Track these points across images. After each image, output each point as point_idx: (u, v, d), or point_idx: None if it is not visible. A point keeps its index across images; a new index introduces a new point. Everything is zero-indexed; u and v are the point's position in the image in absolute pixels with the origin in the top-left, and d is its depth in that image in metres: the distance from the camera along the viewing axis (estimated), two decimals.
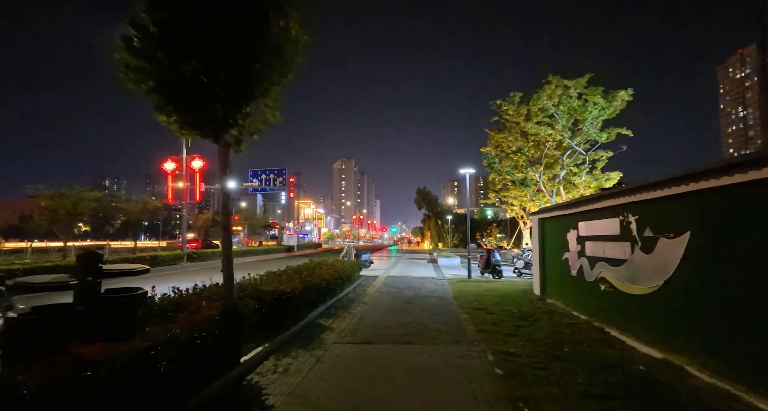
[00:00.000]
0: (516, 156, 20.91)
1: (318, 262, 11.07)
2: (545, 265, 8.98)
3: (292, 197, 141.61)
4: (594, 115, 17.21)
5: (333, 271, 9.44)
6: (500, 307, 7.73)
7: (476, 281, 12.55)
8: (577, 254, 7.08)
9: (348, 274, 10.96)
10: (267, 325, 5.52)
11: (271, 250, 29.38)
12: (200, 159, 18.65)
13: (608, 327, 5.74)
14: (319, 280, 8.04)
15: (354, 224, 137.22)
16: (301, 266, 9.74)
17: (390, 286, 11.31)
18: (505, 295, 9.30)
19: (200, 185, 18.87)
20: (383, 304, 8.37)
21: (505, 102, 19.62)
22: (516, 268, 14.44)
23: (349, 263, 11.82)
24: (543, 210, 8.99)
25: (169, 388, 3.03)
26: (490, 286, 11.29)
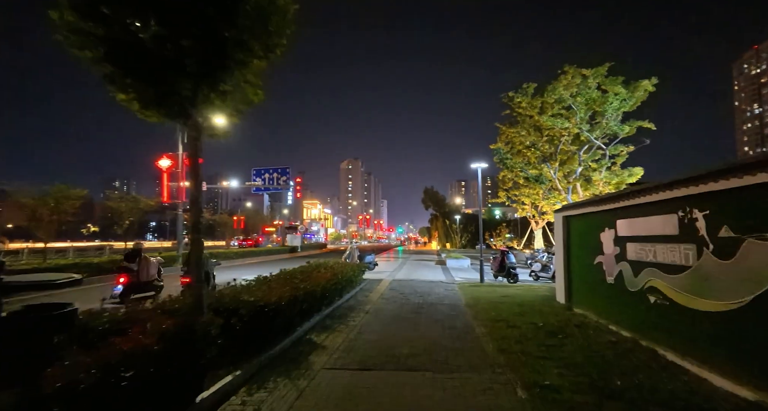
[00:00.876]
0: (529, 151, 19.74)
1: (316, 265, 10.12)
2: (571, 270, 7.89)
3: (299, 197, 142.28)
4: (615, 107, 16.01)
5: (331, 276, 8.46)
6: (522, 319, 6.67)
7: (490, 286, 11.48)
8: (614, 258, 5.99)
9: (349, 278, 9.98)
10: (243, 345, 4.55)
11: (273, 250, 28.53)
12: None
13: (662, 349, 4.65)
14: (313, 286, 7.07)
15: (360, 224, 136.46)
16: (296, 270, 8.79)
17: (395, 292, 10.30)
18: (525, 303, 8.22)
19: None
20: (387, 314, 7.35)
21: (518, 94, 18.48)
22: (532, 271, 13.32)
23: (350, 266, 10.84)
24: (569, 206, 7.90)
25: None
26: (506, 291, 10.20)
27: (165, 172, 17.95)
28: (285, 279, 7.61)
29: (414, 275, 14.91)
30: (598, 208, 6.57)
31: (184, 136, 17.80)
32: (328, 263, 10.92)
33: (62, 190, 13.36)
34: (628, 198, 5.51)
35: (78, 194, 14.00)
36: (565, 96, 16.49)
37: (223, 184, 32.85)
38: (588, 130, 16.93)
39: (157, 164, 17.93)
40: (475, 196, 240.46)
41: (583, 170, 18.70)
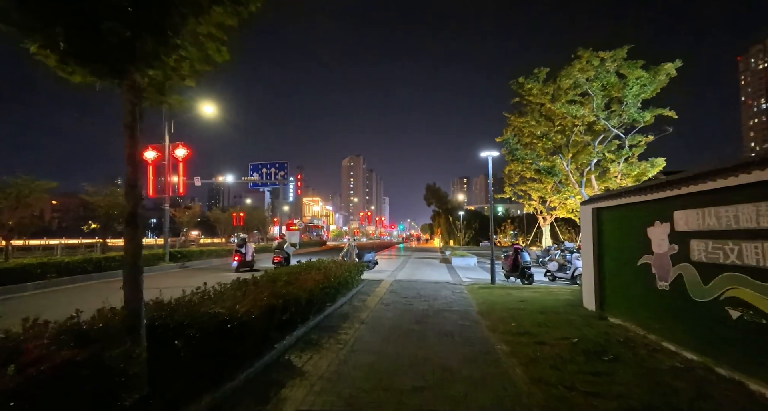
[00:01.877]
0: (540, 142, 18.51)
1: (308, 265, 8.99)
2: (604, 272, 6.69)
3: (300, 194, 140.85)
4: (635, 92, 14.73)
5: (322, 278, 7.31)
6: (550, 332, 5.49)
7: (502, 288, 10.30)
8: (670, 258, 4.79)
9: (344, 280, 8.82)
10: (191, 376, 3.40)
11: (269, 248, 27.38)
12: (184, 147, 16.65)
13: (754, 382, 3.47)
14: (299, 291, 5.92)
15: (361, 221, 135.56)
16: (283, 271, 7.66)
17: (396, 295, 9.13)
18: (548, 310, 7.04)
19: (184, 176, 16.89)
20: (386, 325, 6.19)
21: (529, 80, 17.21)
22: (548, 271, 12.12)
23: (347, 266, 9.69)
24: (601, 196, 6.69)
25: None
26: (522, 295, 9.02)
27: (150, 164, 16.80)
28: (267, 282, 6.49)
29: (417, 275, 13.75)
30: (643, 197, 5.35)
31: (170, 125, 16.65)
32: (323, 263, 9.79)
33: (26, 182, 12.20)
34: (693, 182, 4.30)
35: (43, 187, 12.84)
36: (581, 80, 15.19)
37: (218, 179, 31.72)
38: (605, 117, 15.65)
39: (142, 156, 16.77)
40: (478, 193, 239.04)
41: (598, 162, 17.49)
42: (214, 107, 16.96)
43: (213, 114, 17.20)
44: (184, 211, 32.15)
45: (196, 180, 31.45)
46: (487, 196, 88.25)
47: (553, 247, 17.53)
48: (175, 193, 16.87)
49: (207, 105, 16.82)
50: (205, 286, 5.22)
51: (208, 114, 17.75)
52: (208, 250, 19.45)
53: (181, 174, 16.75)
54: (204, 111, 16.99)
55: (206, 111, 16.87)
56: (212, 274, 14.30)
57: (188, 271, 15.01)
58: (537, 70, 17.22)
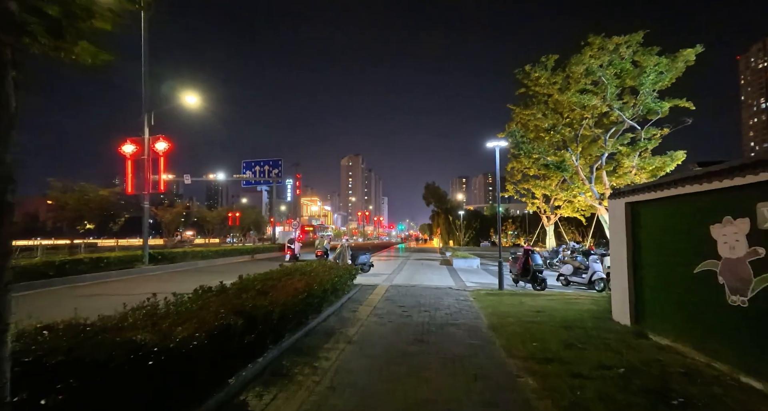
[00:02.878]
0: (548, 135, 17.38)
1: (291, 269, 7.85)
2: (642, 279, 5.54)
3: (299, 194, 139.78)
4: (652, 80, 13.62)
5: (304, 286, 6.16)
6: (584, 357, 4.34)
7: (512, 294, 9.14)
8: (749, 265, 3.64)
9: (332, 287, 7.67)
10: None
11: (261, 249, 26.17)
12: (165, 140, 15.44)
13: None
14: (270, 305, 4.79)
15: (360, 221, 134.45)
16: (258, 277, 6.52)
17: (393, 304, 7.97)
18: (572, 324, 5.89)
19: (165, 172, 15.69)
20: (377, 345, 5.03)
21: (536, 68, 16.07)
22: (561, 274, 10.96)
23: (336, 271, 8.52)
24: (637, 188, 5.52)
25: None
26: (536, 303, 7.87)
27: (129, 159, 15.59)
28: (236, 291, 5.36)
29: (416, 279, 12.58)
30: (705, 186, 4.20)
31: (150, 117, 15.48)
32: (311, 266, 8.66)
33: None
34: None
35: None
36: (594, 66, 14.03)
37: (209, 177, 30.48)
38: (619, 108, 14.51)
39: (120, 150, 15.58)
40: (477, 193, 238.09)
41: (610, 156, 16.40)
42: (197, 97, 15.80)
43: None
44: (168, 210, 30.82)
45: (186, 178, 30.24)
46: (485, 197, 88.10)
47: (562, 248, 16.39)
48: (155, 190, 15.65)
49: (190, 95, 15.65)
50: (154, 296, 4.09)
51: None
52: (193, 251, 18.27)
53: (162, 169, 15.54)
54: (188, 102, 15.82)
55: (189, 101, 15.70)
56: (193, 277, 13.12)
57: (167, 275, 13.82)
58: (544, 58, 16.06)
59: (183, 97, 15.86)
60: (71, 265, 11.00)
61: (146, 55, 15.09)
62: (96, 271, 11.93)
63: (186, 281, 11.99)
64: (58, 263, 10.65)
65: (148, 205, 15.38)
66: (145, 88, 15.15)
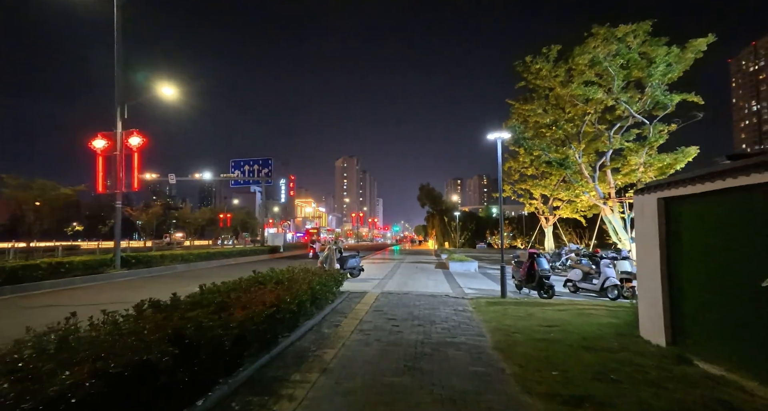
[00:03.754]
0: (549, 131, 16.51)
1: (267, 277, 6.88)
2: (681, 290, 4.58)
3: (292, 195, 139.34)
4: (662, 71, 12.80)
5: (275, 298, 5.18)
6: (622, 394, 3.36)
7: (516, 302, 8.16)
8: None
9: (312, 297, 6.65)
10: None
11: (247, 251, 24.98)
12: (139, 135, 14.30)
13: None
14: (220, 327, 3.77)
15: (353, 222, 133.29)
16: (222, 288, 5.52)
17: (382, 316, 6.95)
18: (594, 343, 4.92)
19: (140, 169, 14.54)
20: (359, 375, 4.01)
21: (537, 59, 15.17)
22: (569, 280, 10.00)
23: (319, 279, 7.49)
24: (678, 181, 4.56)
25: None
26: (546, 314, 6.89)
27: (100, 154, 14.41)
28: (189, 307, 4.37)
29: (410, 285, 11.57)
30: None
31: (124, 109, 14.35)
32: (290, 272, 7.67)
33: None
34: None
35: None
36: (600, 56, 13.13)
37: (195, 176, 29.26)
38: (626, 100, 13.64)
39: (90, 145, 14.41)
40: (472, 195, 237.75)
41: (614, 153, 15.58)
42: (174, 90, 14.69)
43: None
44: (144, 211, 29.46)
45: (171, 177, 29.05)
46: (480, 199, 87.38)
47: (565, 250, 15.48)
48: (129, 189, 14.50)
49: (166, 86, 14.55)
50: (73, 319, 3.09)
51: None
52: (172, 254, 17.09)
53: (136, 167, 14.39)
54: (166, 94, 14.72)
55: (166, 93, 14.59)
56: (167, 283, 12.01)
57: (140, 281, 12.68)
58: (546, 49, 15.17)
59: (162, 89, 14.75)
60: (25, 271, 9.85)
61: (119, 41, 13.99)
62: (56, 278, 10.77)
63: (157, 288, 10.90)
64: (9, 269, 9.49)
65: (121, 205, 14.21)
66: (117, 77, 14.05)
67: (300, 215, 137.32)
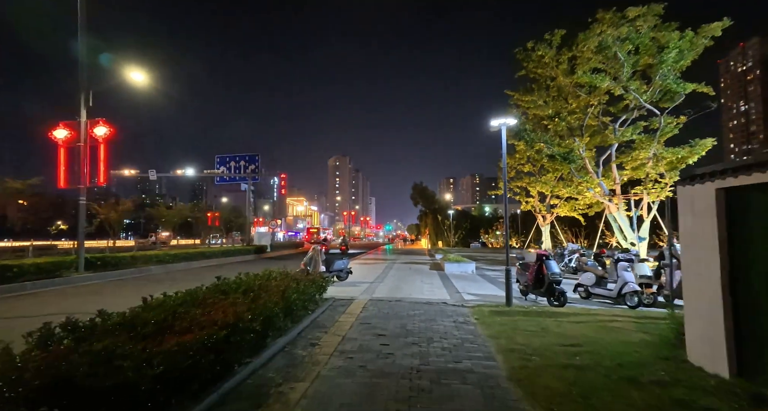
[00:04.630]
0: (552, 123, 15.53)
1: (234, 284, 5.74)
2: (754, 306, 3.55)
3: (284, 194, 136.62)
4: (673, 58, 11.90)
5: (233, 316, 4.06)
6: None
7: (525, 312, 7.11)
8: None
9: (286, 309, 5.54)
10: None
11: (233, 251, 23.64)
12: (105, 124, 12.98)
13: None
14: (131, 369, 2.61)
15: (345, 221, 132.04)
16: (170, 301, 4.41)
17: (370, 331, 5.85)
18: (637, 374, 3.88)
19: (106, 161, 13.23)
20: None
21: (540, 46, 14.14)
22: (580, 284, 8.98)
23: (299, 286, 6.37)
24: (748, 166, 3.54)
25: None
26: (562, 327, 5.85)
27: (62, 146, 13.06)
28: (115, 326, 3.27)
29: (403, 289, 10.49)
30: None
31: (89, 97, 13.04)
32: (267, 276, 6.58)
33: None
34: None
35: None
36: (608, 40, 12.15)
37: (177, 172, 27.83)
38: (636, 89, 12.72)
39: (51, 135, 13.05)
40: (464, 194, 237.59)
41: (621, 146, 14.68)
42: (144, 75, 13.40)
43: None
44: (114, 207, 27.87)
45: (151, 174, 27.63)
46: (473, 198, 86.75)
47: (567, 250, 14.53)
48: (93, 184, 13.19)
49: (135, 71, 13.25)
50: None
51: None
52: (145, 255, 15.79)
53: (102, 159, 13.08)
54: (136, 79, 13.42)
55: (135, 78, 13.29)
56: (134, 288, 10.77)
57: (103, 286, 11.41)
58: (549, 35, 14.14)
59: (132, 75, 13.44)
60: None
61: (83, 22, 12.67)
62: (3, 283, 9.50)
63: (119, 294, 9.67)
64: None
65: (85, 201, 12.90)
66: (82, 60, 12.72)
67: (292, 214, 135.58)
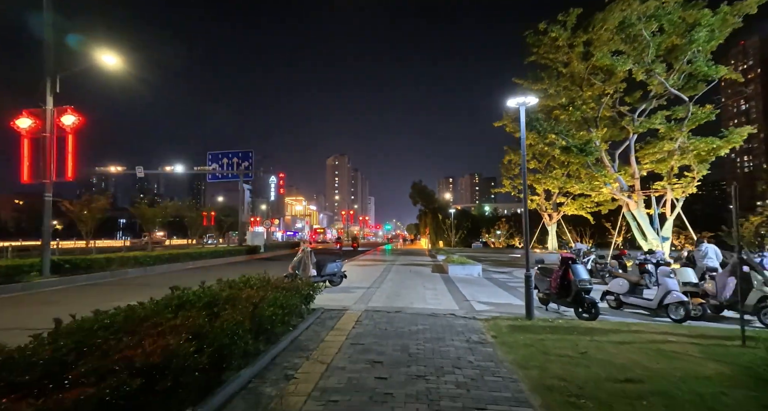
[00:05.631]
0: (565, 113, 14.30)
1: (195, 296, 4.52)
2: None
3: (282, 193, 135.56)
4: (704, 38, 10.72)
5: (165, 353, 2.79)
6: None
7: (552, 328, 5.89)
8: None
9: (259, 328, 4.33)
10: None
11: (223, 252, 22.35)
12: (74, 113, 11.72)
13: None
14: None
15: (343, 220, 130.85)
16: (116, 314, 3.12)
17: (362, 358, 4.61)
18: None
19: (74, 154, 11.97)
20: None
21: (552, 27, 12.89)
22: (609, 292, 7.74)
23: (276, 297, 5.15)
24: None
25: None
26: (607, 354, 4.63)
27: (25, 136, 11.81)
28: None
29: (403, 296, 9.27)
30: None
31: (56, 82, 11.79)
32: (244, 283, 5.40)
33: None
34: None
35: None
36: (633, 17, 10.93)
37: (165, 169, 26.57)
38: (662, 73, 11.51)
39: (13, 125, 11.79)
40: (463, 193, 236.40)
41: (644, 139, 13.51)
42: (117, 59, 12.16)
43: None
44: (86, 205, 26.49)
45: (138, 171, 26.34)
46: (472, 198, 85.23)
47: (582, 250, 13.27)
48: (60, 177, 11.93)
49: (106, 54, 12.00)
50: None
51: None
52: (123, 257, 14.52)
53: (70, 151, 11.83)
54: (106, 62, 12.18)
55: (106, 61, 12.05)
56: (99, 296, 9.54)
57: (67, 292, 10.17)
58: (562, 16, 12.90)
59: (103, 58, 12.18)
60: None
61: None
62: None
63: (83, 303, 8.40)
64: None
65: (51, 197, 11.66)
66: (47, 42, 11.48)
67: (290, 213, 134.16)
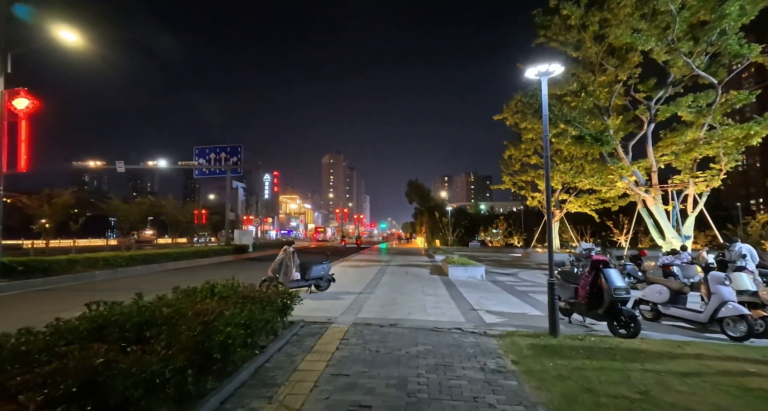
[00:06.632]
0: (576, 100, 13.12)
1: (129, 313, 3.19)
2: None
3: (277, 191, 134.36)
4: (735, 13, 9.62)
5: None
6: None
7: (586, 349, 4.70)
8: None
9: (206, 358, 3.06)
10: None
11: (207, 251, 20.96)
12: (28, 96, 10.39)
13: None
14: None
15: (338, 219, 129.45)
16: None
17: (345, 400, 3.37)
18: None
19: (28, 142, 10.63)
20: None
21: (564, 4, 11.69)
22: (644, 300, 6.56)
23: (239, 314, 3.91)
24: None
25: None
26: (675, 395, 3.44)
27: None
28: None
29: (399, 304, 8.04)
30: None
31: (6, 60, 10.45)
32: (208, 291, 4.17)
33: None
34: None
35: None
36: None
37: (148, 164, 25.13)
38: (686, 52, 10.39)
39: None
40: (459, 192, 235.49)
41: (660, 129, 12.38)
42: (76, 36, 10.81)
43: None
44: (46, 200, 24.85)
45: (119, 165, 24.91)
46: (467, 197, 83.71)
47: (595, 250, 12.11)
48: (12, 170, 10.58)
49: (63, 30, 10.65)
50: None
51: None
52: (89, 258, 13.13)
53: (24, 139, 10.47)
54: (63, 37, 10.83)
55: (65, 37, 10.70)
56: (45, 305, 8.23)
57: (12, 299, 8.85)
58: None
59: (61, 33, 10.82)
60: None
61: None
62: None
63: (19, 317, 7.12)
64: None
65: (2, 191, 10.30)
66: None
67: (284, 211, 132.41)
